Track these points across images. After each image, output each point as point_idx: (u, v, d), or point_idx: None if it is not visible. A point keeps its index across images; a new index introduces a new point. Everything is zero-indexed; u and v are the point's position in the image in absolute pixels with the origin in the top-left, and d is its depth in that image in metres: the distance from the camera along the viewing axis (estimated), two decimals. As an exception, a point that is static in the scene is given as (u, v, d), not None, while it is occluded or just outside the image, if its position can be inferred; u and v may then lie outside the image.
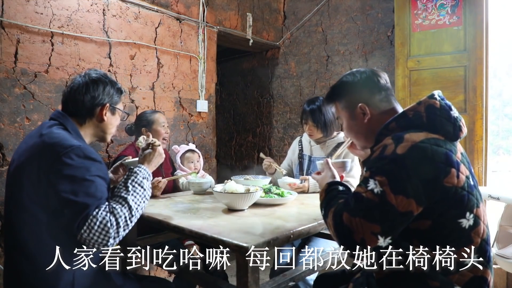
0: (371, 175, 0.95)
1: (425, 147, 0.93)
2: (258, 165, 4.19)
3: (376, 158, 0.98)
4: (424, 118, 1.01)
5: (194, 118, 3.00)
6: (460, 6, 2.45)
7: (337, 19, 3.42)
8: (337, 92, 1.24)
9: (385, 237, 0.90)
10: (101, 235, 1.06)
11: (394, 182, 0.90)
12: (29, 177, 1.12)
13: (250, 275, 1.11)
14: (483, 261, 0.96)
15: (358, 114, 1.17)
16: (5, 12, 1.94)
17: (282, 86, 3.91)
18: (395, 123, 1.05)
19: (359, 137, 1.22)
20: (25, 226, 1.12)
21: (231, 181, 1.68)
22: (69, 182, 1.08)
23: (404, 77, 2.65)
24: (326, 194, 1.10)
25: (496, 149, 9.04)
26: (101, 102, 1.30)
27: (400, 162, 0.92)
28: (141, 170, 1.26)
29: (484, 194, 1.98)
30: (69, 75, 2.20)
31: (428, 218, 0.93)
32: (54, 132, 1.18)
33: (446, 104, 1.04)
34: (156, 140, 1.41)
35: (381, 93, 1.16)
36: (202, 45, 3.00)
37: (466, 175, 0.96)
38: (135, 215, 1.16)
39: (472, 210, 0.95)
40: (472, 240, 0.94)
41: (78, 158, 1.11)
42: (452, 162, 0.94)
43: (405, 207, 0.89)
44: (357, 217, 0.91)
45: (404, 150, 0.92)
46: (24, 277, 1.13)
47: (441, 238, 0.94)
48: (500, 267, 2.24)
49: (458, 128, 1.01)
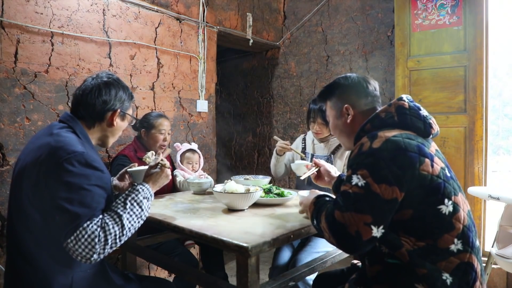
0: (353, 172, 1.02)
1: (398, 140, 1.01)
2: (258, 165, 4.20)
3: (354, 156, 1.06)
4: (396, 117, 1.10)
5: (194, 118, 3.00)
6: (460, 6, 2.46)
7: (337, 19, 3.42)
8: (329, 91, 1.34)
9: (377, 227, 0.95)
10: (86, 248, 1.02)
11: (375, 173, 0.97)
12: (30, 178, 1.11)
13: (250, 275, 1.11)
14: (468, 247, 0.99)
15: (343, 114, 1.27)
16: (5, 12, 1.94)
17: (282, 86, 3.91)
18: (370, 124, 1.14)
19: (342, 136, 1.31)
20: (25, 227, 1.12)
21: (231, 181, 1.68)
22: (66, 189, 1.06)
23: (404, 77, 2.65)
24: (314, 206, 1.13)
25: (496, 149, 9.05)
26: (112, 108, 1.29)
27: (377, 154, 0.99)
28: (143, 189, 1.23)
29: (484, 194, 1.98)
30: (69, 75, 2.20)
31: (409, 207, 0.98)
32: (62, 135, 1.16)
33: (415, 105, 1.14)
34: (167, 162, 1.38)
35: (367, 98, 1.26)
36: (202, 45, 3.00)
37: (441, 166, 1.03)
38: (126, 234, 1.12)
39: (450, 197, 1.00)
40: (454, 226, 0.99)
41: (79, 165, 1.09)
42: (425, 153, 1.01)
43: (389, 195, 0.95)
44: (348, 212, 0.96)
45: (379, 144, 1.00)
46: (24, 278, 1.13)
47: (424, 226, 0.99)
48: (500, 267, 2.24)
49: (429, 125, 1.10)
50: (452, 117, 2.50)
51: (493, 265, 2.14)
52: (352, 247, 0.97)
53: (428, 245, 0.98)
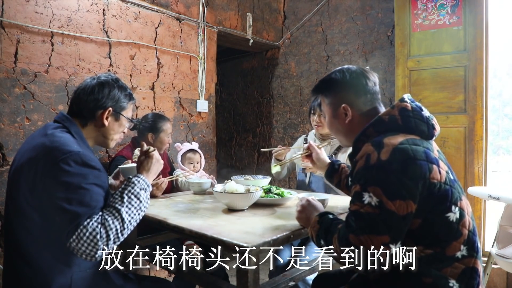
0: (362, 188, 0.95)
1: (405, 148, 0.95)
2: (258, 165, 4.20)
3: (362, 169, 0.99)
4: (400, 121, 1.05)
5: (194, 118, 3.00)
6: (460, 6, 2.45)
7: (337, 19, 3.42)
8: (325, 86, 1.25)
9: (395, 244, 0.91)
10: (89, 246, 1.03)
11: (388, 189, 0.91)
12: (26, 179, 1.10)
13: (250, 275, 1.11)
14: (473, 252, 0.98)
15: (340, 113, 1.19)
16: (5, 12, 1.94)
17: (282, 86, 3.91)
18: (372, 128, 1.08)
19: (339, 135, 1.25)
20: (23, 227, 1.12)
21: (231, 181, 1.68)
22: (64, 189, 1.06)
23: (404, 77, 2.65)
24: (320, 225, 1.07)
25: (496, 149, 9.05)
26: (104, 105, 1.26)
27: (387, 167, 0.94)
28: (139, 180, 1.22)
29: (484, 194, 1.98)
30: (69, 75, 2.20)
31: (418, 217, 0.95)
32: (57, 135, 1.16)
33: (417, 105, 1.09)
34: (150, 147, 1.36)
35: (367, 96, 1.18)
36: (202, 45, 3.00)
37: (446, 170, 1.00)
38: (128, 227, 1.12)
39: (457, 203, 0.98)
40: (461, 233, 0.97)
41: (76, 164, 1.08)
42: (432, 158, 0.97)
43: (404, 210, 0.91)
44: (364, 235, 0.90)
45: (387, 155, 0.94)
46: (23, 278, 1.13)
47: (432, 234, 0.96)
48: (500, 267, 2.24)
49: (432, 127, 1.06)
50: (452, 117, 2.50)
51: (493, 265, 2.14)
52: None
53: (436, 253, 0.96)
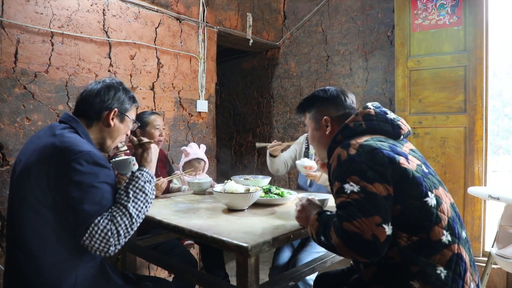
0: (341, 181, 1.03)
1: (370, 143, 1.06)
2: (258, 165, 4.20)
3: (336, 167, 1.08)
4: (364, 125, 1.16)
5: (194, 118, 3.00)
6: (460, 6, 2.45)
7: (337, 19, 3.42)
8: (309, 103, 1.39)
9: (387, 224, 0.95)
10: (102, 243, 1.08)
11: (364, 175, 1.00)
12: (38, 179, 1.12)
13: (250, 275, 1.11)
14: (455, 238, 1.02)
15: (322, 126, 1.32)
16: (5, 12, 1.94)
17: (282, 86, 3.91)
18: (341, 134, 1.19)
19: (320, 147, 1.35)
20: (31, 227, 1.12)
21: (231, 181, 1.68)
22: (77, 188, 1.09)
23: (404, 77, 2.65)
24: (319, 222, 1.10)
25: (496, 149, 9.05)
26: (109, 106, 1.31)
27: (357, 159, 1.03)
28: (142, 173, 1.25)
29: (484, 194, 1.98)
30: (69, 75, 2.20)
31: (397, 202, 1.01)
32: (66, 135, 1.18)
33: (381, 110, 1.20)
34: (142, 138, 1.40)
35: (345, 111, 1.32)
36: (202, 45, 3.00)
37: (417, 163, 1.07)
38: (136, 221, 1.17)
39: (432, 190, 1.04)
40: (440, 218, 1.02)
41: (88, 164, 1.12)
42: (398, 151, 1.06)
43: (384, 191, 0.98)
44: (356, 219, 0.95)
45: (355, 150, 1.05)
46: (26, 278, 1.13)
47: (414, 219, 1.01)
48: (500, 267, 2.24)
49: (397, 127, 1.17)
50: (452, 117, 2.50)
51: (493, 265, 2.14)
52: (373, 252, 0.94)
53: (422, 239, 0.99)
